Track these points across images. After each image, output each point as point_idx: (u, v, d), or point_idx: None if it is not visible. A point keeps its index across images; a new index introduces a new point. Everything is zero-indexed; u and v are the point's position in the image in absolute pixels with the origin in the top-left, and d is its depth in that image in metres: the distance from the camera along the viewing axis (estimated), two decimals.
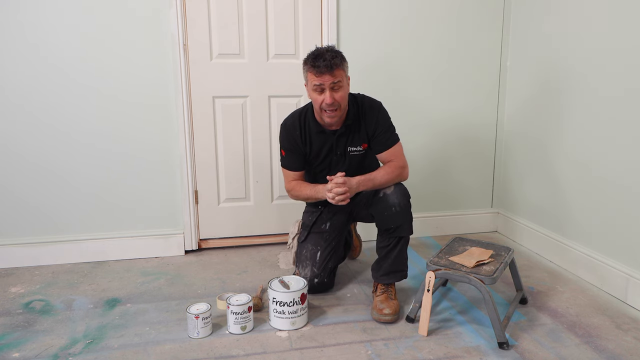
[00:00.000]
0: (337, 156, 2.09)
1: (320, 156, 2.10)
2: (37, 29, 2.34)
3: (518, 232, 2.83)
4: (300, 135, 2.07)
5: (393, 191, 1.98)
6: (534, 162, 2.67)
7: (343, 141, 2.07)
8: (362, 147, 2.08)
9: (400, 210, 1.95)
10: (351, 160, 2.10)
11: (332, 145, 2.07)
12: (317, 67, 1.87)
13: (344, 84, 1.92)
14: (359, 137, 2.06)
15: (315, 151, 2.09)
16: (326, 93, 1.89)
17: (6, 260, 2.48)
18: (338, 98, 1.90)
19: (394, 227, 1.96)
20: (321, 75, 1.87)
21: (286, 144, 2.10)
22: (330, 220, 2.19)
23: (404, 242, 2.01)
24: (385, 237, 2.01)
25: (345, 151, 2.08)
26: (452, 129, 2.88)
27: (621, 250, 2.12)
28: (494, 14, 2.79)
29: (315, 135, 2.06)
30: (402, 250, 2.01)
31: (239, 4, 2.55)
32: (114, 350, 1.73)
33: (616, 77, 2.08)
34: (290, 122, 2.09)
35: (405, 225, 1.97)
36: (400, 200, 1.96)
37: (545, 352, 1.72)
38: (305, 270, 2.15)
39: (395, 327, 1.89)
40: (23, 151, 2.43)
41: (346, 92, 1.95)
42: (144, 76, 2.48)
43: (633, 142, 2.02)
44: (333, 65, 1.86)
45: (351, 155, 2.09)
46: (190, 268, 2.48)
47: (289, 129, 2.09)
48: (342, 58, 1.92)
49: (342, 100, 1.93)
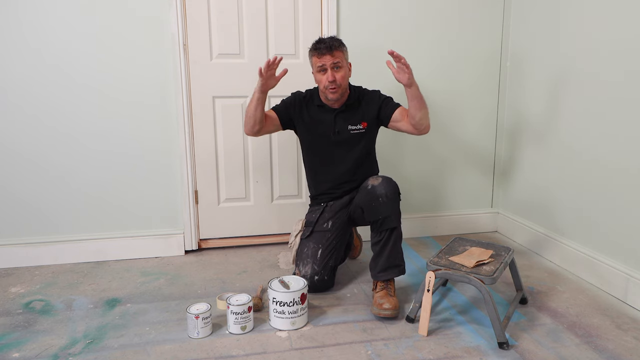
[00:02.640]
0: (336, 135, 2.18)
1: (317, 131, 2.21)
2: (37, 29, 2.34)
3: (518, 232, 2.83)
4: (301, 103, 2.24)
5: (381, 182, 2.03)
6: (534, 162, 2.67)
7: (342, 119, 2.19)
8: (362, 126, 2.19)
9: (387, 201, 1.99)
10: (351, 140, 2.19)
11: (331, 123, 2.18)
12: (318, 50, 2.09)
13: (343, 65, 2.10)
14: (358, 116, 2.20)
15: (310, 122, 2.22)
16: (328, 72, 2.08)
17: (6, 260, 2.48)
18: (338, 77, 2.09)
19: (381, 218, 1.99)
20: (322, 57, 2.07)
21: (285, 102, 2.28)
22: (332, 219, 2.21)
23: (396, 235, 2.02)
24: (376, 231, 2.04)
25: (345, 129, 2.18)
26: (452, 127, 2.88)
27: (621, 250, 2.12)
28: (494, 10, 2.80)
29: (314, 107, 2.22)
30: (396, 244, 2.03)
31: (239, 4, 2.55)
32: (114, 350, 1.73)
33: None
34: (299, 92, 2.30)
35: (392, 216, 1.99)
36: (387, 191, 2.00)
37: (545, 352, 1.72)
38: (305, 268, 2.15)
39: (395, 327, 1.89)
40: (23, 151, 2.43)
41: (346, 73, 2.12)
42: (144, 76, 2.49)
43: (633, 142, 2.02)
44: (332, 46, 2.07)
45: (352, 134, 2.18)
46: (190, 268, 2.48)
47: (295, 94, 2.29)
48: (340, 43, 2.11)
49: (342, 80, 2.10)
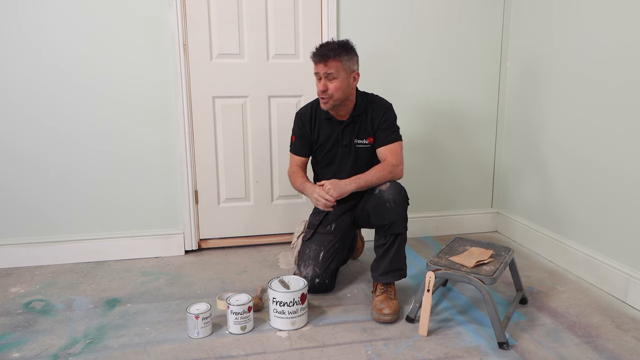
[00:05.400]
0: (343, 148, 2.14)
1: (327, 146, 2.16)
2: (37, 29, 2.34)
3: (518, 232, 2.83)
4: (310, 121, 2.17)
5: (388, 187, 1.99)
6: (534, 161, 2.67)
7: (349, 132, 2.12)
8: (368, 141, 2.12)
9: (395, 206, 1.95)
10: (357, 154, 2.14)
11: (339, 136, 2.13)
12: (313, 56, 2.01)
13: (339, 75, 1.98)
14: (365, 130, 2.11)
15: (322, 139, 2.16)
16: (321, 81, 2.00)
17: (6, 260, 2.48)
18: (331, 88, 1.99)
19: (388, 224, 1.96)
20: (316, 64, 2.01)
21: (297, 130, 2.22)
22: (335, 222, 2.20)
23: (401, 240, 2.00)
24: (381, 235, 2.01)
25: (351, 143, 2.13)
26: (452, 127, 2.88)
27: (621, 250, 2.12)
28: (494, 11, 2.80)
29: (323, 121, 2.15)
30: (400, 248, 2.01)
31: (239, 4, 2.55)
32: (114, 350, 1.73)
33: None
34: (304, 110, 2.23)
35: (399, 222, 1.96)
36: (394, 197, 1.96)
37: (545, 352, 1.72)
38: (307, 269, 2.15)
39: (395, 327, 1.89)
40: (23, 151, 2.43)
41: (342, 84, 2.00)
42: (144, 76, 2.48)
43: (633, 142, 2.02)
44: (325, 56, 1.96)
45: (357, 148, 2.13)
46: (190, 268, 2.48)
47: (301, 115, 2.21)
48: (339, 52, 1.97)
49: (335, 91, 1.99)
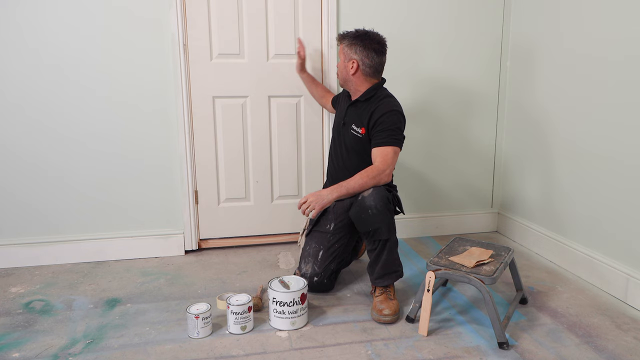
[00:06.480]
0: (341, 127, 2.21)
1: (337, 117, 2.30)
2: (35, 29, 2.34)
3: (518, 232, 2.83)
4: (344, 91, 2.32)
5: (370, 193, 1.94)
6: (534, 162, 2.67)
7: (351, 113, 2.17)
8: (361, 131, 2.11)
9: (377, 213, 1.91)
10: (348, 139, 2.16)
11: (343, 111, 2.22)
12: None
13: (340, 58, 2.15)
14: (362, 118, 2.10)
15: (339, 109, 2.32)
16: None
17: (6, 260, 2.48)
18: (337, 66, 2.22)
19: (372, 230, 1.93)
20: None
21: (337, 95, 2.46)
22: (334, 221, 2.18)
23: (390, 244, 1.98)
24: (369, 240, 1.99)
25: (350, 125, 2.16)
26: (452, 128, 2.88)
27: (621, 250, 2.12)
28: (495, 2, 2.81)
29: (346, 95, 2.27)
30: (391, 251, 1.99)
31: (239, 4, 2.55)
32: (114, 350, 1.73)
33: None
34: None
35: (383, 228, 1.92)
36: (376, 203, 1.91)
37: (545, 352, 1.72)
38: (306, 267, 2.15)
39: (395, 327, 1.89)
40: (23, 152, 2.43)
41: (340, 65, 2.16)
42: (143, 76, 2.48)
43: (633, 143, 2.02)
44: (338, 37, 2.17)
45: (351, 132, 2.15)
46: (190, 268, 2.48)
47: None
48: (344, 37, 2.13)
49: (338, 70, 2.18)
